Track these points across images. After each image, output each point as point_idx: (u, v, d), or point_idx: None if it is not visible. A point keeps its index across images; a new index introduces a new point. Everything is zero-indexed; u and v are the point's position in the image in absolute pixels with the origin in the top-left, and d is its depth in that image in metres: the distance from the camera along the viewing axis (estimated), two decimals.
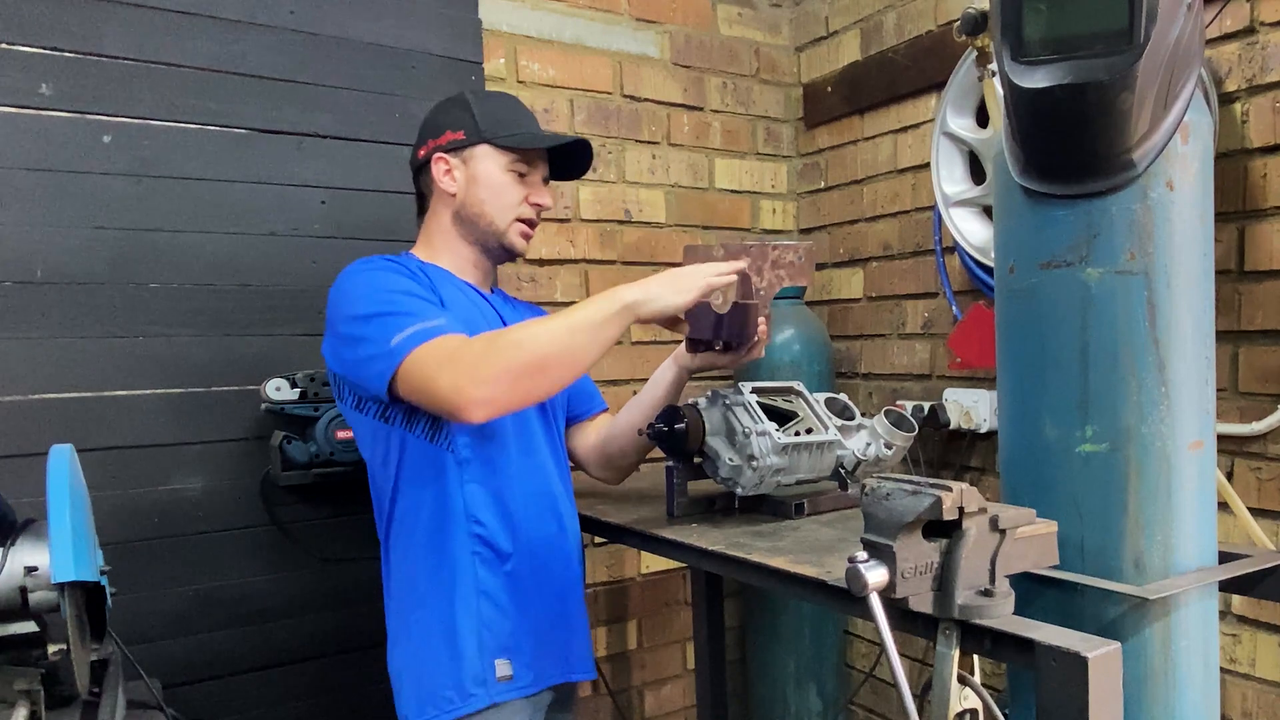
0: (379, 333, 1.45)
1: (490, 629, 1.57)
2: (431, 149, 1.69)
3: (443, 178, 1.68)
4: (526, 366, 1.39)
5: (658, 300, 1.45)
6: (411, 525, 1.60)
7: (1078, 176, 1.25)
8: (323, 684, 2.16)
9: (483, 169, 1.67)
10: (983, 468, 2.48)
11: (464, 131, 1.67)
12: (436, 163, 1.68)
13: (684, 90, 2.79)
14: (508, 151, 1.67)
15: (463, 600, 1.56)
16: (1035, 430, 1.34)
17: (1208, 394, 1.31)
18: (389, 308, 1.47)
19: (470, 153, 1.68)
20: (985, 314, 2.28)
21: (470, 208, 1.68)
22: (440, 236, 1.72)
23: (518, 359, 1.38)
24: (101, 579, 1.35)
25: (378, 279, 1.54)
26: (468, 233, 1.70)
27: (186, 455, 2.01)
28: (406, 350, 1.42)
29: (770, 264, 1.65)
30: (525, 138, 1.69)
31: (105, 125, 1.92)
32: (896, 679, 1.08)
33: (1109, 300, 1.26)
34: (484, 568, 1.58)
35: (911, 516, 1.06)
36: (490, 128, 1.67)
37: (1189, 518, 1.29)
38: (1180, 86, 1.22)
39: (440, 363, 1.39)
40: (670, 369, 1.78)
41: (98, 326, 1.92)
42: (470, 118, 1.68)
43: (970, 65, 2.24)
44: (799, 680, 2.73)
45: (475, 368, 1.37)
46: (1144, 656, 1.27)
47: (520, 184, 1.69)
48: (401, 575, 1.62)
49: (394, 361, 1.42)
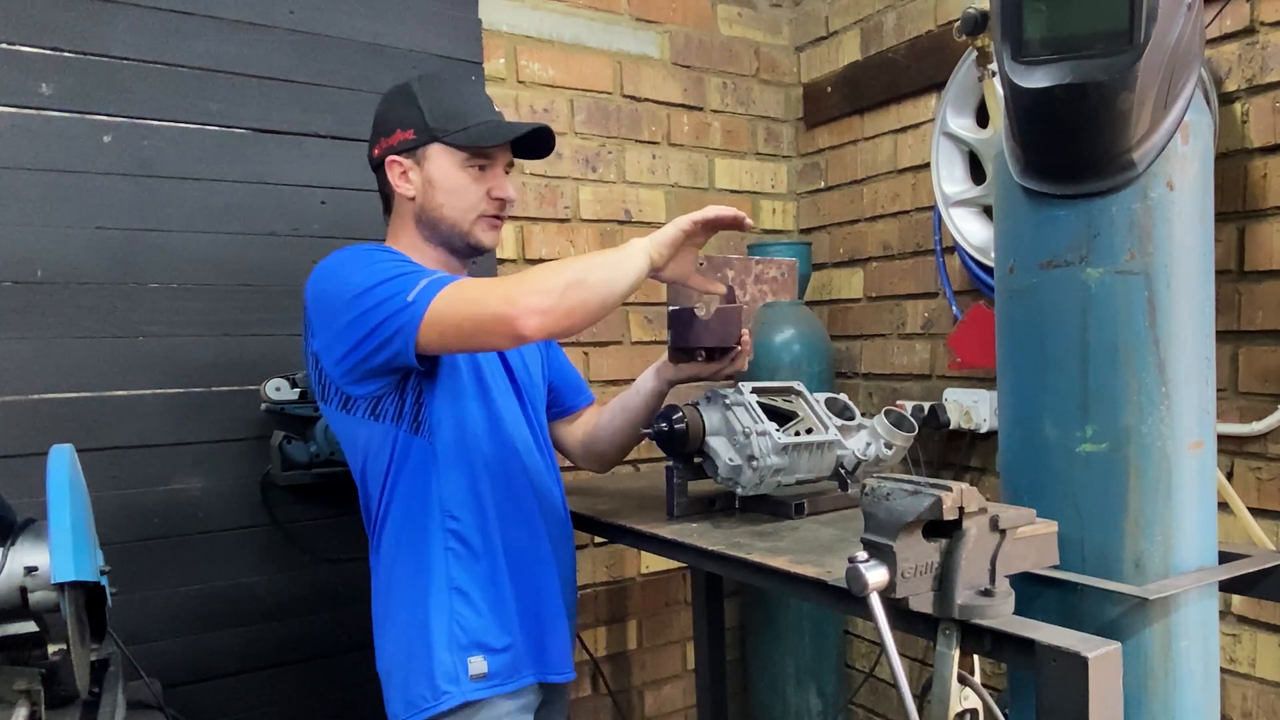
0: (388, 296, 1.41)
1: (463, 625, 1.54)
2: (385, 149, 1.61)
3: (399, 181, 1.61)
4: (570, 282, 1.39)
5: (663, 231, 1.50)
6: (394, 523, 1.58)
7: (1078, 176, 1.25)
8: (324, 684, 2.16)
9: (438, 170, 1.59)
10: (983, 468, 2.48)
11: (414, 130, 1.58)
12: (390, 166, 1.60)
13: (684, 90, 2.79)
14: (462, 148, 1.59)
15: (436, 596, 1.54)
16: (1035, 430, 1.33)
17: (1208, 394, 1.31)
18: (390, 274, 1.44)
19: (423, 153, 1.59)
20: (985, 314, 2.28)
21: (430, 211, 1.61)
22: (406, 238, 1.65)
23: (559, 277, 1.39)
24: (101, 579, 1.35)
25: (363, 257, 1.49)
26: (432, 235, 1.63)
27: (187, 455, 2.01)
28: (428, 299, 1.39)
29: (753, 278, 1.66)
30: (479, 132, 1.59)
31: (105, 125, 1.92)
32: (896, 679, 1.08)
33: (1109, 300, 1.26)
34: (457, 563, 1.56)
35: (912, 516, 1.06)
36: (441, 123, 1.57)
37: (1189, 518, 1.29)
38: (1180, 86, 1.22)
39: (479, 290, 1.39)
40: (650, 380, 1.77)
41: (98, 326, 1.92)
42: (419, 113, 1.58)
43: (970, 65, 2.24)
44: (799, 680, 2.73)
45: (521, 283, 1.38)
46: (1144, 656, 1.27)
47: (480, 179, 1.61)
48: (384, 573, 1.61)
49: (418, 312, 1.39)
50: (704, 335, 1.65)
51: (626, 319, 2.70)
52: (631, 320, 2.71)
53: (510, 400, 1.68)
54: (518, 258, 2.49)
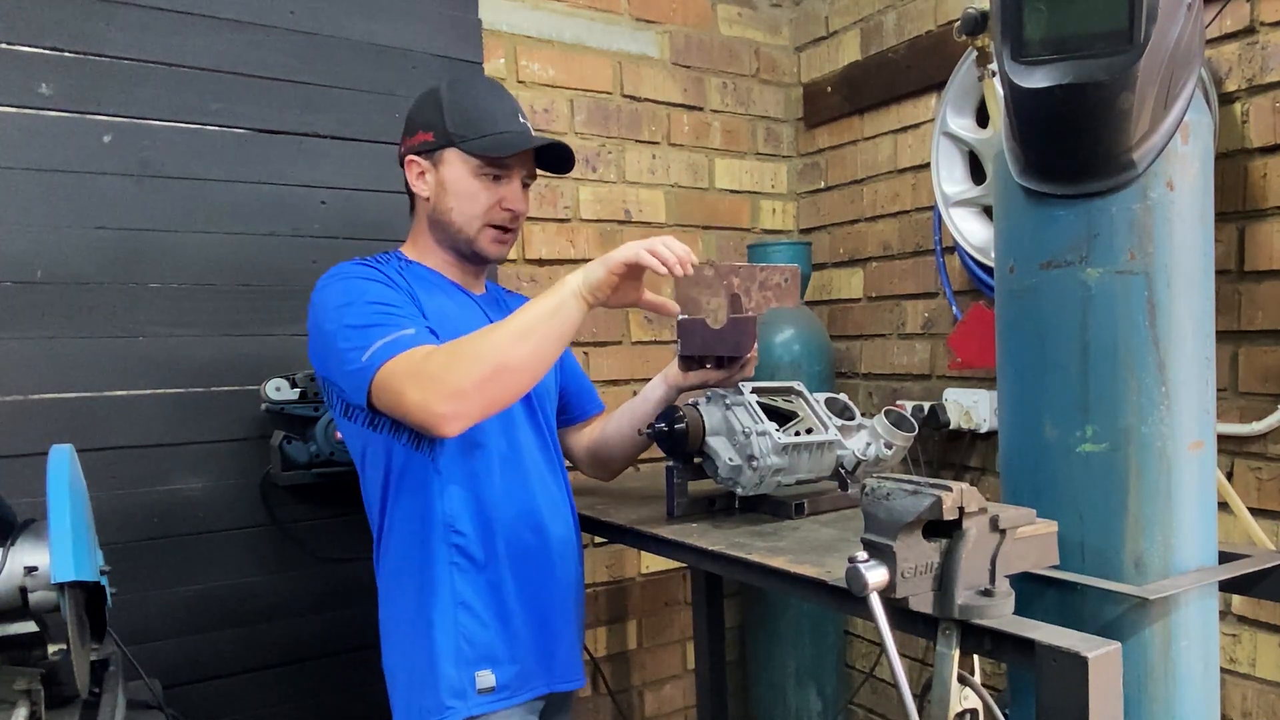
0: (351, 346, 1.44)
1: (469, 640, 1.55)
2: (406, 148, 1.66)
3: (416, 181, 1.65)
4: (489, 374, 1.37)
5: (593, 271, 1.45)
6: (397, 533, 1.59)
7: (1078, 176, 1.26)
8: (324, 684, 2.16)
9: (450, 175, 1.62)
10: (983, 468, 2.48)
11: (433, 133, 1.62)
12: (410, 165, 1.65)
13: (684, 90, 2.79)
14: (476, 156, 1.61)
15: (441, 612, 1.55)
16: (1035, 430, 1.34)
17: (1208, 394, 1.31)
18: (359, 319, 1.46)
19: (439, 156, 1.62)
20: (985, 314, 2.28)
21: (440, 214, 1.65)
22: (423, 239, 1.70)
23: (478, 369, 1.37)
24: (101, 579, 1.35)
25: (350, 289, 1.51)
26: (442, 237, 1.67)
27: (186, 455, 2.01)
28: (376, 365, 1.41)
29: (758, 285, 1.66)
30: (494, 142, 1.60)
31: (105, 125, 1.92)
32: (896, 679, 1.08)
33: (1109, 300, 1.26)
34: (461, 577, 1.56)
35: (911, 516, 1.06)
36: (459, 129, 1.60)
37: (1189, 518, 1.29)
38: (1180, 86, 1.22)
39: (405, 378, 1.38)
40: (659, 387, 1.77)
41: (98, 326, 1.92)
42: (440, 117, 1.61)
43: (970, 65, 2.24)
44: (799, 680, 2.73)
45: (440, 382, 1.36)
46: (1144, 656, 1.27)
47: (492, 188, 1.63)
48: (388, 583, 1.62)
49: (367, 377, 1.42)
50: (716, 344, 1.65)
51: (627, 319, 2.70)
52: (632, 320, 2.71)
53: (518, 405, 1.66)
54: (518, 258, 2.49)
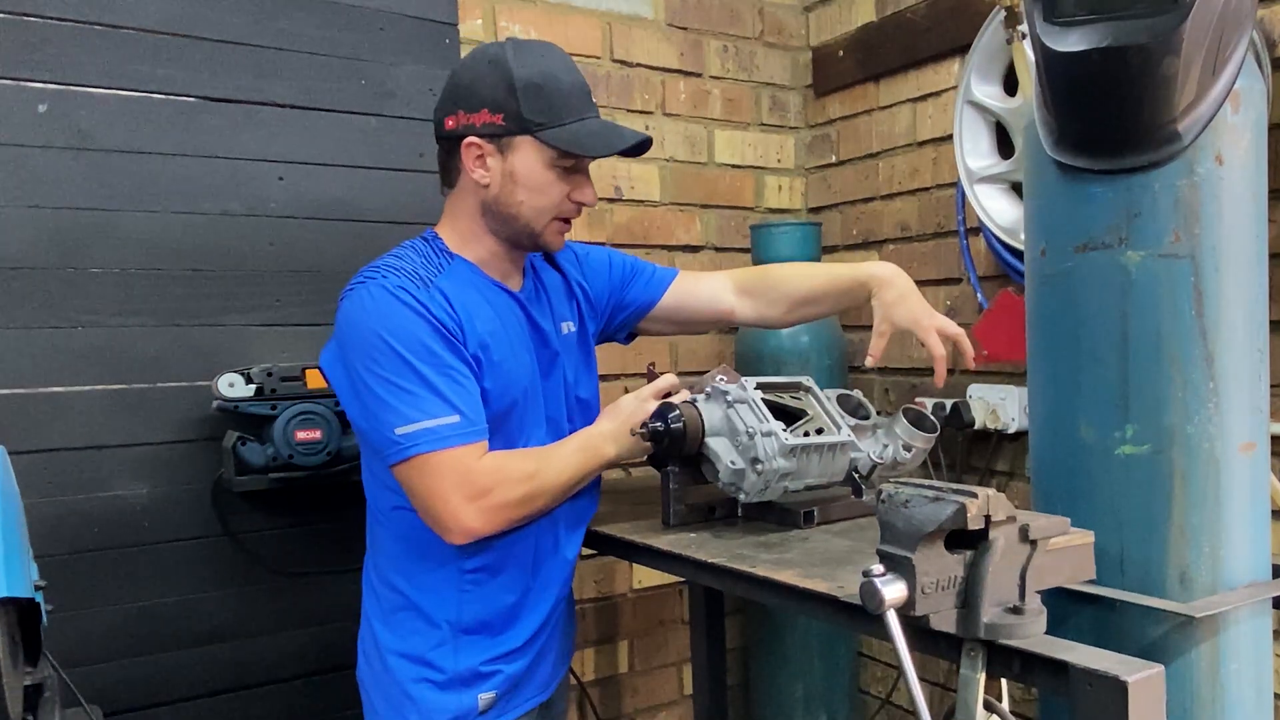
0: (388, 408, 1.48)
1: (460, 657, 1.59)
2: (464, 126, 1.57)
3: (473, 165, 1.58)
4: (521, 503, 1.54)
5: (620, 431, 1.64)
6: (386, 550, 1.64)
7: (1117, 150, 1.25)
8: (282, 710, 2.16)
9: (523, 165, 1.57)
10: (1011, 472, 2.48)
11: (503, 115, 1.54)
12: (468, 148, 1.57)
13: (680, 54, 2.78)
14: (558, 147, 1.56)
15: (433, 629, 1.60)
16: (1070, 430, 1.34)
17: (1260, 390, 1.32)
18: (401, 380, 1.47)
19: (509, 142, 1.56)
20: (1014, 302, 2.28)
21: (504, 206, 1.59)
22: (467, 223, 1.64)
23: (514, 495, 1.52)
24: (36, 595, 1.34)
25: (397, 333, 1.48)
26: (499, 227, 1.62)
27: (130, 458, 2.00)
28: (411, 451, 1.47)
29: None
30: (580, 134, 1.57)
31: (40, 93, 1.91)
32: (916, 705, 1.08)
33: (1151, 286, 1.26)
34: (476, 591, 1.61)
35: (932, 526, 1.06)
36: (536, 115, 1.54)
37: (1240, 527, 1.29)
38: (1230, 50, 1.21)
39: (444, 481, 1.47)
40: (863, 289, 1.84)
41: (31, 315, 1.91)
42: (513, 98, 1.54)
43: (997, 26, 2.24)
44: (808, 707, 2.74)
45: (476, 500, 1.49)
46: (1189, 680, 1.27)
47: (564, 179, 1.60)
48: (382, 593, 1.65)
49: (398, 454, 1.48)
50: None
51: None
52: None
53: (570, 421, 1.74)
54: None
